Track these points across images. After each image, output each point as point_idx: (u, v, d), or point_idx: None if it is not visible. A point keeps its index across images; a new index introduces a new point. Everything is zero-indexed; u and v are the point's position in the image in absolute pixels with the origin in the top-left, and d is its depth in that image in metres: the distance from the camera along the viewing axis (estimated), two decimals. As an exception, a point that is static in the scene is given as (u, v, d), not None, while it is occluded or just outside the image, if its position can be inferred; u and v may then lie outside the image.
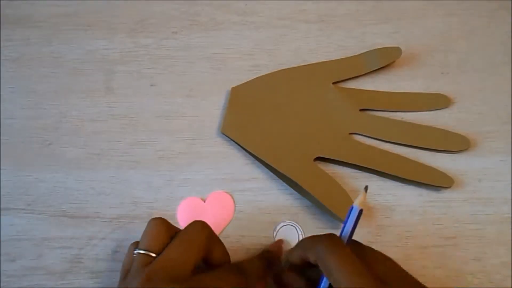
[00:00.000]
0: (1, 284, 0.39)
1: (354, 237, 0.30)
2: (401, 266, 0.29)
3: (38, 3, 0.51)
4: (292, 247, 0.32)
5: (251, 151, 0.42)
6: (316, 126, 0.44)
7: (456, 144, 0.43)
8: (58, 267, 0.40)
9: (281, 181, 0.42)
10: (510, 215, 0.41)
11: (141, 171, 0.43)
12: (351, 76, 0.47)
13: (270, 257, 0.36)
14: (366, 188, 0.30)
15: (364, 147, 0.43)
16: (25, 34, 0.50)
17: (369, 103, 0.45)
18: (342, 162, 0.42)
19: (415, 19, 0.50)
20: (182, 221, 0.41)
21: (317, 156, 0.42)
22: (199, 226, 0.31)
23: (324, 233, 0.30)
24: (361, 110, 0.45)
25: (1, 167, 0.44)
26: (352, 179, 0.42)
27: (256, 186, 0.42)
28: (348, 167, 0.43)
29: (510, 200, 0.41)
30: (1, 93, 0.47)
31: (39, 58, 0.49)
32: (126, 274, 0.30)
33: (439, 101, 0.45)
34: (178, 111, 0.46)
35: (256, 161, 0.43)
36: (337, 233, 0.29)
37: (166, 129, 0.45)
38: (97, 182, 0.43)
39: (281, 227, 0.37)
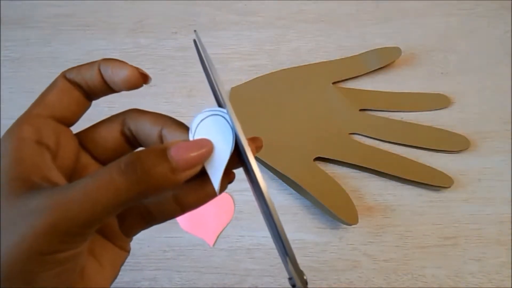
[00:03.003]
0: (1, 284, 0.39)
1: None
2: (401, 266, 0.29)
3: (38, 3, 0.51)
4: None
5: (251, 151, 0.42)
6: (316, 126, 0.44)
7: (456, 144, 0.43)
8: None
9: (281, 181, 0.42)
10: (510, 215, 0.41)
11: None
12: (351, 76, 0.47)
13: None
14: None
15: (364, 147, 0.43)
16: (25, 34, 0.50)
17: (369, 103, 0.45)
18: (342, 162, 0.42)
19: (415, 19, 0.50)
20: (181, 221, 0.41)
21: (317, 156, 0.42)
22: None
23: (321, 232, 0.29)
24: (361, 110, 0.45)
25: (1, 167, 0.44)
26: (352, 179, 0.42)
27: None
28: (348, 167, 0.43)
29: (510, 200, 0.41)
30: (1, 93, 0.47)
31: (39, 58, 0.49)
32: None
33: (439, 101, 0.45)
34: (178, 111, 0.46)
35: (256, 161, 0.43)
36: (338, 233, 0.29)
37: (166, 129, 0.45)
38: (97, 182, 0.43)
39: (202, 120, 0.21)
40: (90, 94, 0.22)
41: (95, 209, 0.17)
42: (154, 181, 0.18)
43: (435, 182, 0.41)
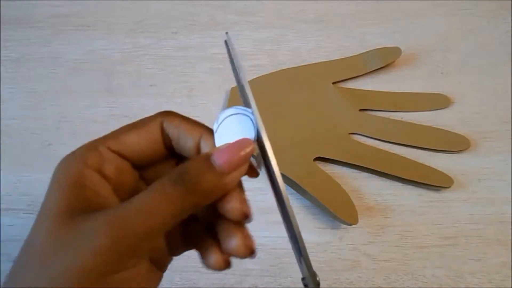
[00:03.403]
0: (1, 284, 0.39)
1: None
2: (401, 266, 0.29)
3: (38, 3, 0.51)
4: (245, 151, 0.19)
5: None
6: (316, 126, 0.44)
7: (456, 144, 0.43)
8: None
9: (281, 181, 0.42)
10: (510, 215, 0.41)
11: (141, 171, 0.43)
12: (351, 76, 0.47)
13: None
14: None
15: (364, 147, 0.43)
16: (25, 34, 0.50)
17: (369, 103, 0.45)
18: (342, 162, 0.42)
19: (415, 19, 0.50)
20: (182, 221, 0.41)
21: (317, 156, 0.42)
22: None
23: (321, 232, 0.29)
24: (361, 110, 0.45)
25: (1, 168, 0.44)
26: (352, 179, 0.42)
27: (256, 186, 0.42)
28: (348, 167, 0.43)
29: (510, 200, 0.41)
30: (1, 93, 0.47)
31: (39, 58, 0.49)
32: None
33: (439, 101, 0.45)
34: (178, 111, 0.45)
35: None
36: (338, 233, 0.29)
37: (166, 129, 0.45)
38: (97, 182, 0.43)
39: (226, 117, 0.21)
40: (176, 153, 0.22)
41: (151, 222, 0.17)
42: (204, 189, 0.18)
43: (435, 182, 0.41)
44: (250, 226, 0.41)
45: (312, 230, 0.40)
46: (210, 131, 0.21)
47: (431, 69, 0.47)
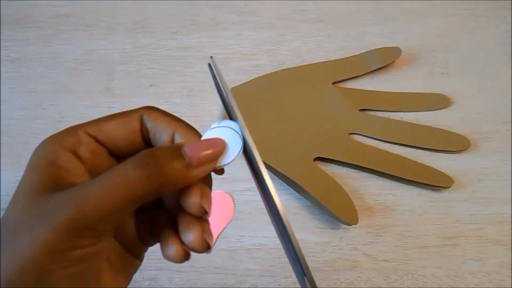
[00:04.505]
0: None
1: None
2: (401, 266, 0.29)
3: (38, 3, 0.51)
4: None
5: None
6: (316, 126, 0.44)
7: (456, 144, 0.43)
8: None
9: (281, 181, 0.42)
10: (510, 215, 0.41)
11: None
12: (351, 76, 0.47)
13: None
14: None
15: (364, 147, 0.43)
16: (25, 34, 0.50)
17: (369, 103, 0.45)
18: (342, 162, 0.42)
19: (415, 19, 0.50)
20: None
21: (317, 156, 0.42)
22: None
23: (321, 232, 0.29)
24: (361, 110, 0.45)
25: (1, 168, 0.44)
26: (352, 179, 0.42)
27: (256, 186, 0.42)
28: (348, 167, 0.43)
29: (510, 200, 0.41)
30: (1, 93, 0.47)
31: (39, 58, 0.49)
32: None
33: (439, 101, 0.45)
34: (178, 111, 0.45)
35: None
36: (338, 233, 0.29)
37: (166, 129, 0.45)
38: (97, 182, 0.43)
39: (223, 127, 0.21)
40: (150, 145, 0.22)
41: (111, 204, 0.17)
42: (167, 176, 0.18)
43: (435, 182, 0.41)
44: (251, 226, 0.42)
45: (312, 230, 0.40)
46: (186, 126, 0.21)
47: (431, 69, 0.47)
